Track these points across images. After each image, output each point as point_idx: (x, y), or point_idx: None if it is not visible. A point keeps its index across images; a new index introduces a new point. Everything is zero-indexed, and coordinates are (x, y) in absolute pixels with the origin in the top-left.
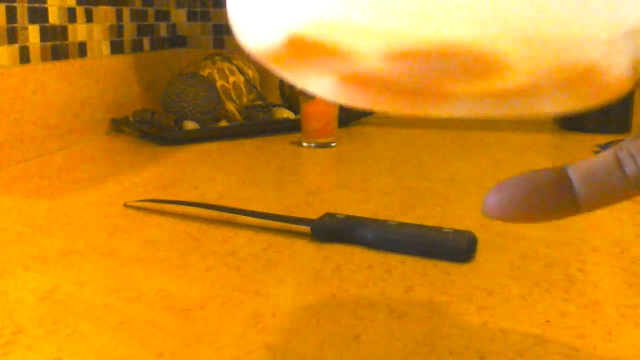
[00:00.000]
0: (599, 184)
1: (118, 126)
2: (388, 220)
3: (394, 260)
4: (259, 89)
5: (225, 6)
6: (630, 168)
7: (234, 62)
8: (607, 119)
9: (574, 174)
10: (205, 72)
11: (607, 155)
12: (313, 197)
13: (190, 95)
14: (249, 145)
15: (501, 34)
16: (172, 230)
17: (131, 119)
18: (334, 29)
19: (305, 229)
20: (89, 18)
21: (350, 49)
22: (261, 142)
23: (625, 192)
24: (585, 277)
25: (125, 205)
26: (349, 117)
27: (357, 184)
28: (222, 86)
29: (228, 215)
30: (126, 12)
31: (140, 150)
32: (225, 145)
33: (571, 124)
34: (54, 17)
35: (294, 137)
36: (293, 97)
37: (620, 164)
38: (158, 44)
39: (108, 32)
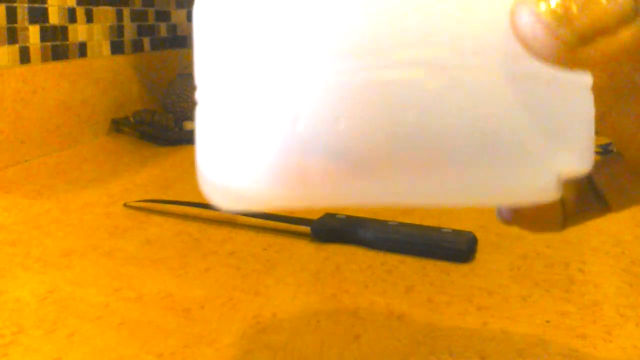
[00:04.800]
0: (580, 208)
1: (118, 126)
2: (388, 220)
3: (394, 260)
4: None
5: None
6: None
7: None
8: None
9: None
10: None
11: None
12: None
13: (190, 95)
14: None
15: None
16: (172, 230)
17: (131, 119)
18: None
19: (305, 229)
20: (89, 18)
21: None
22: None
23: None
24: (585, 277)
25: (125, 205)
26: None
27: None
28: None
29: (228, 215)
30: (126, 12)
31: (140, 150)
32: None
33: None
34: (54, 17)
35: None
36: None
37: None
38: (158, 44)
39: (108, 32)
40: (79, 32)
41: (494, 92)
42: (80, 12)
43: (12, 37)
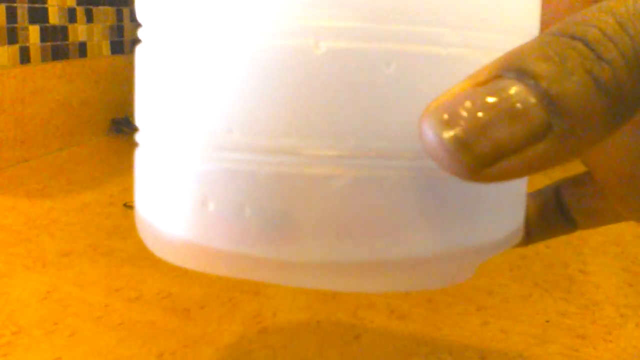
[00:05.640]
0: (545, 225)
1: (118, 126)
2: None
3: None
4: None
5: None
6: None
7: None
8: None
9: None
10: None
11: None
12: None
13: None
14: None
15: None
16: None
17: (131, 119)
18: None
19: None
20: (89, 18)
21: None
22: None
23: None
24: (585, 277)
25: (125, 205)
26: None
27: None
28: None
29: None
30: (126, 12)
31: None
32: None
33: None
34: (54, 17)
35: None
36: None
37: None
38: None
39: (108, 32)
40: (79, 32)
41: (401, 190)
42: (80, 12)
43: (12, 37)
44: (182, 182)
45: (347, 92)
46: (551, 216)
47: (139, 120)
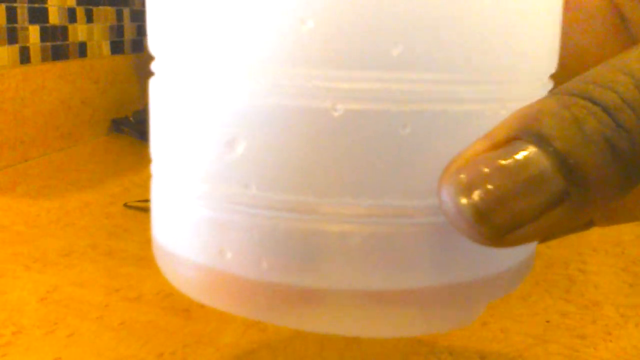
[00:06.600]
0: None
1: (118, 126)
2: None
3: None
4: None
5: None
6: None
7: None
8: None
9: None
10: None
11: None
12: None
13: None
14: None
15: None
16: None
17: (131, 119)
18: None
19: None
20: (89, 18)
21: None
22: None
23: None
24: (585, 277)
25: (125, 205)
26: None
27: None
28: None
29: None
30: (126, 12)
31: (140, 150)
32: None
33: None
34: (54, 17)
35: None
36: None
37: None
38: None
39: (108, 32)
40: (79, 32)
41: (416, 245)
42: (80, 12)
43: (12, 37)
44: (198, 228)
45: (363, 153)
46: None
47: (153, 153)
